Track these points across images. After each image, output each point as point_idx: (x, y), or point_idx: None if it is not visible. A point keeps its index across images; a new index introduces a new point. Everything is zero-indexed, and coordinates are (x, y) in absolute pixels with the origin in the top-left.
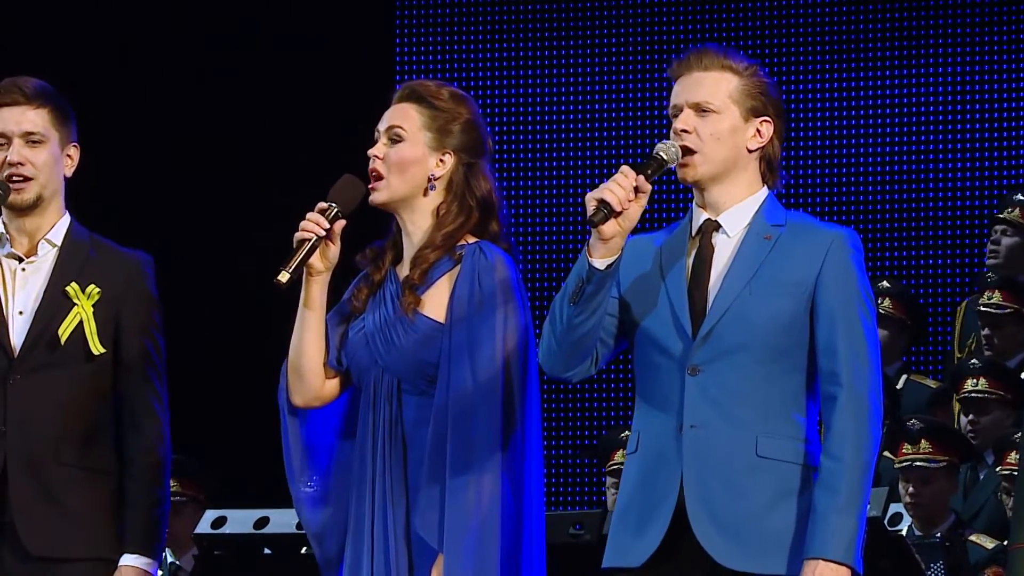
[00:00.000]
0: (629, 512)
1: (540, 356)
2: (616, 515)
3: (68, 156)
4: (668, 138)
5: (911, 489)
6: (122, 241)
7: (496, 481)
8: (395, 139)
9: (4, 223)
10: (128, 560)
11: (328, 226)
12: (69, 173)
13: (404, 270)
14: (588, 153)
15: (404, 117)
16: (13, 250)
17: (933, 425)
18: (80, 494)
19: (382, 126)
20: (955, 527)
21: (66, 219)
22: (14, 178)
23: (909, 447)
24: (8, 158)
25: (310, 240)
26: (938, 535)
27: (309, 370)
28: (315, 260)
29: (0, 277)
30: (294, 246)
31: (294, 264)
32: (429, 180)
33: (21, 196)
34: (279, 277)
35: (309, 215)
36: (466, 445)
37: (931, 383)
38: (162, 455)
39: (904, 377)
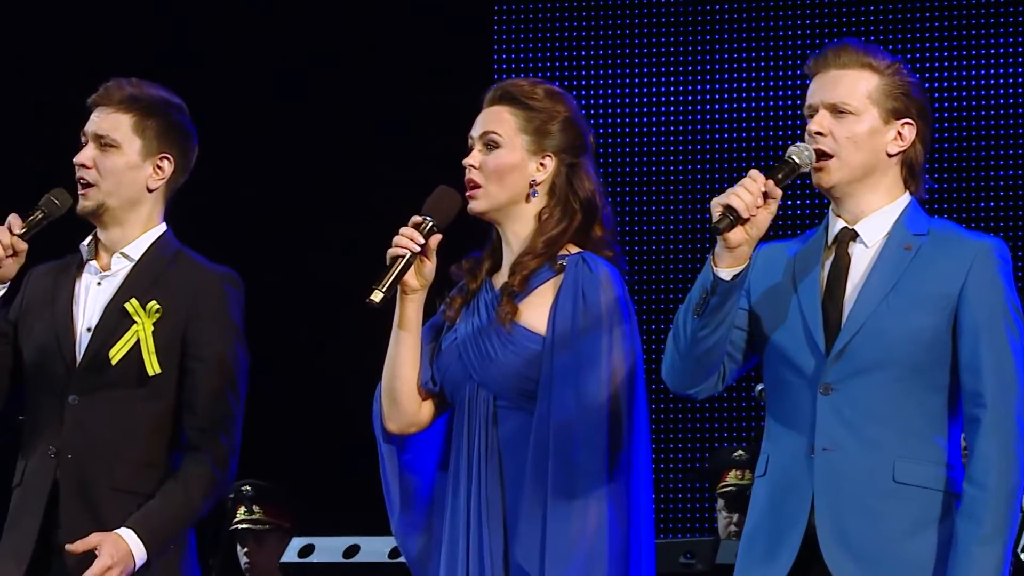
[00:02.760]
0: (756, 538)
1: (663, 371)
2: (743, 541)
3: (157, 167)
4: (802, 140)
5: None
6: (214, 255)
7: (602, 508)
8: (491, 145)
9: (95, 236)
10: (123, 532)
11: (423, 241)
12: (154, 185)
13: (502, 279)
14: (708, 156)
15: (499, 121)
16: (94, 263)
17: None
18: None
19: (476, 132)
20: None
21: (154, 233)
22: (82, 181)
23: None
24: (76, 158)
25: (404, 256)
26: None
27: (404, 394)
28: (410, 277)
29: (72, 292)
30: (387, 263)
31: (388, 282)
32: (531, 185)
33: (82, 204)
34: (372, 296)
35: (403, 230)
36: (570, 471)
37: None
38: (217, 478)
39: None
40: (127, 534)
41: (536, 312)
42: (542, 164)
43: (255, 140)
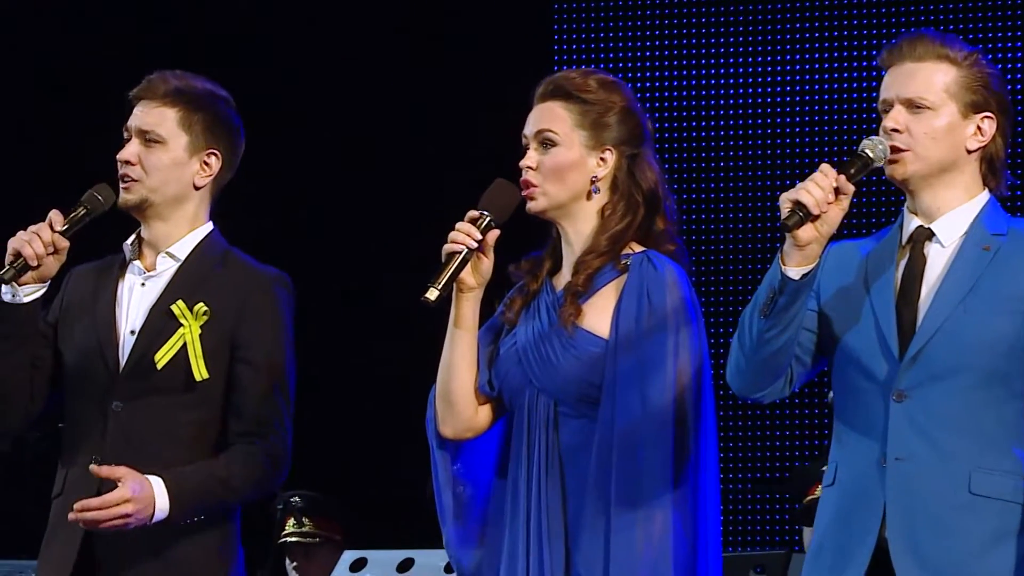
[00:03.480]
0: (824, 550)
1: (728, 375)
2: (810, 553)
3: (204, 164)
4: (875, 133)
5: None
6: (260, 255)
7: (667, 519)
8: (547, 144)
9: (139, 235)
10: (152, 479)
11: (480, 237)
12: (201, 183)
13: (563, 279)
14: (777, 150)
15: (553, 118)
16: (138, 263)
17: None
18: (182, 538)
19: (529, 131)
20: None
21: (200, 232)
22: (125, 178)
23: None
24: (119, 154)
25: (460, 253)
26: None
27: (460, 397)
28: (466, 275)
29: (114, 293)
30: (443, 260)
31: (443, 280)
32: (592, 182)
33: (124, 198)
34: (427, 295)
35: (459, 225)
36: (634, 480)
37: None
38: (266, 470)
39: None
40: (156, 481)
41: (599, 314)
42: (602, 159)
43: (307, 139)
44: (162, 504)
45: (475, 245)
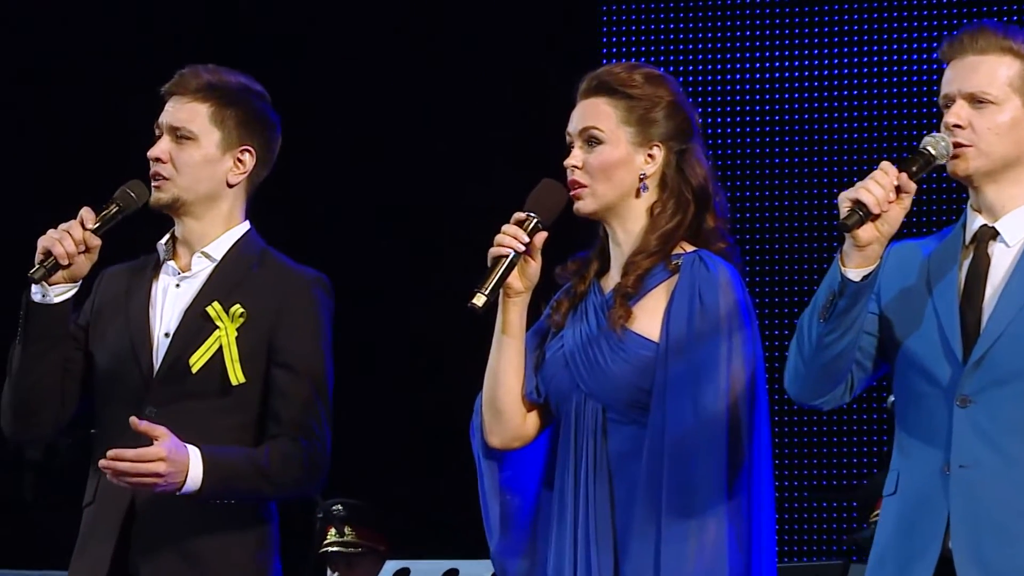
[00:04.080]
0: (886, 561)
1: (786, 380)
2: (871, 563)
3: (237, 161)
4: (937, 129)
5: None
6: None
7: (721, 529)
8: (593, 142)
9: (172, 234)
10: (190, 447)
11: (527, 239)
12: (235, 180)
13: (611, 280)
14: (835, 146)
15: (598, 115)
16: (173, 264)
17: None
18: (218, 545)
19: (573, 128)
20: None
21: (237, 231)
22: (156, 176)
23: None
24: (150, 151)
25: (507, 256)
26: None
27: (508, 406)
28: (513, 279)
29: (148, 294)
30: (489, 264)
31: (491, 285)
32: (640, 180)
33: (155, 196)
34: (474, 300)
35: (505, 228)
36: (686, 489)
37: None
38: (305, 471)
39: None
40: (193, 451)
41: (649, 317)
42: (650, 156)
43: (347, 138)
44: (195, 475)
45: (522, 248)
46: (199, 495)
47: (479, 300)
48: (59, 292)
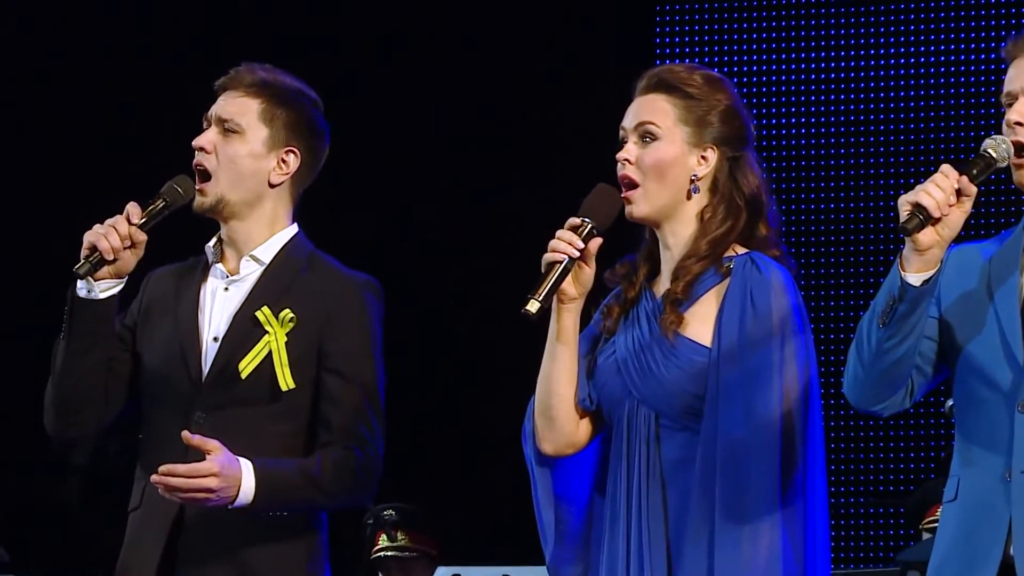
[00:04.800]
0: (945, 570)
1: (845, 386)
2: (931, 572)
3: (281, 161)
4: (999, 131)
5: None
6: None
7: (775, 535)
8: (648, 137)
9: (219, 236)
10: (243, 461)
11: (582, 245)
12: (277, 180)
13: (662, 285)
14: (893, 148)
15: (655, 111)
16: (221, 266)
17: None
18: (268, 555)
19: (629, 123)
20: None
21: (285, 234)
22: (197, 168)
23: None
24: (195, 140)
25: (562, 262)
26: None
27: (561, 413)
28: (567, 286)
29: (197, 298)
30: (543, 269)
31: (544, 291)
32: (692, 181)
33: (198, 201)
34: (527, 307)
35: (559, 233)
36: (739, 496)
37: None
38: (359, 479)
39: None
40: (245, 464)
41: (701, 322)
42: (703, 157)
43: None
44: (247, 488)
45: (577, 254)
46: (251, 509)
47: (533, 307)
48: (104, 288)
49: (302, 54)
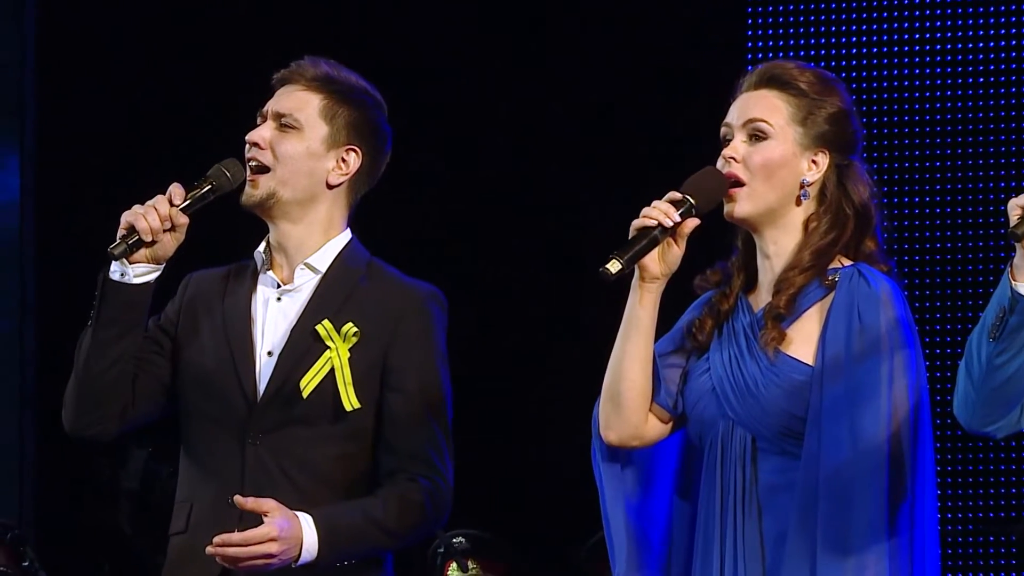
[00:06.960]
0: None
1: (955, 406)
2: None
3: (341, 161)
4: None
5: None
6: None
7: (881, 567)
8: (757, 135)
9: (268, 241)
10: (302, 516)
11: (678, 220)
12: (335, 181)
13: (761, 298)
14: (1002, 149)
15: (767, 108)
16: (272, 274)
17: None
18: None
19: (736, 120)
20: None
21: (340, 240)
22: (251, 163)
23: None
24: (248, 135)
25: (654, 229)
26: None
27: (630, 399)
28: (651, 261)
29: (250, 308)
30: (631, 234)
31: (629, 254)
32: (801, 187)
33: (248, 193)
34: (607, 266)
35: (656, 202)
36: (843, 522)
37: None
38: (428, 511)
39: None
40: (304, 519)
41: (804, 339)
42: (814, 162)
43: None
44: (310, 544)
45: (670, 225)
46: (316, 564)
47: (613, 267)
48: (140, 273)
49: (368, 51)
